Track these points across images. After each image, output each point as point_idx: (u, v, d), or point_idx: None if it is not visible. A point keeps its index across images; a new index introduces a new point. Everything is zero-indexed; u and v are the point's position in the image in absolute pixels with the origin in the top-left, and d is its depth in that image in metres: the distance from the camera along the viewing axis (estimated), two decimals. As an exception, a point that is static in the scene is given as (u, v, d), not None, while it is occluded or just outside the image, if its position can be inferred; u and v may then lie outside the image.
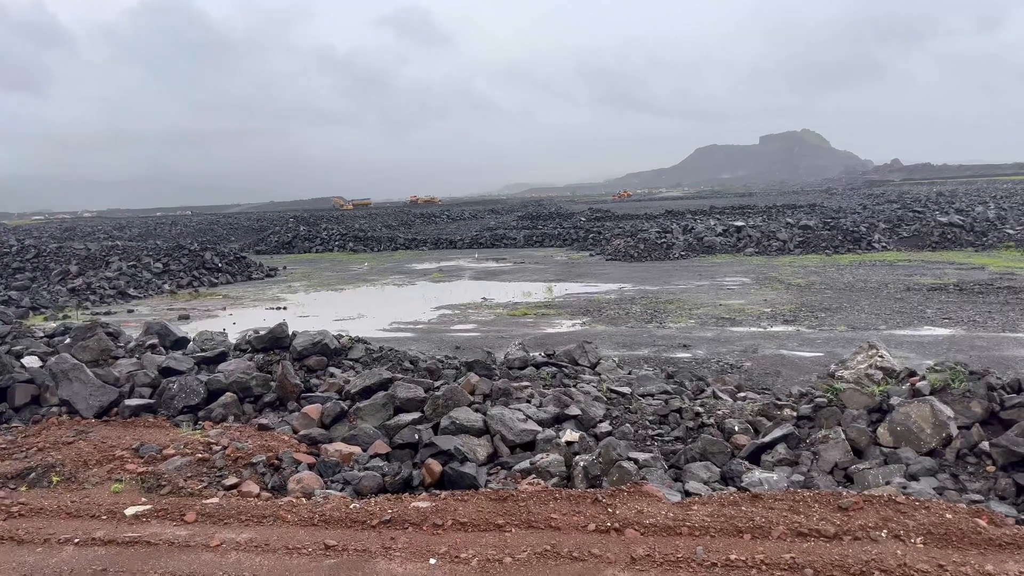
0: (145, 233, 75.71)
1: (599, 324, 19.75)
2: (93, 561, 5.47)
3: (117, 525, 6.17)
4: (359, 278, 35.73)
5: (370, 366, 12.34)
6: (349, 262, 45.43)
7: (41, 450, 8.62)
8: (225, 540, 5.71)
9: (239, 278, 36.44)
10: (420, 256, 48.02)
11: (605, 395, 10.87)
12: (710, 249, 39.98)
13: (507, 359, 13.02)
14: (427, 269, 38.87)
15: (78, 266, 33.80)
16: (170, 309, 26.15)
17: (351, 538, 5.63)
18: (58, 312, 25.79)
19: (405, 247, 55.06)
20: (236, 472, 7.87)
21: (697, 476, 7.71)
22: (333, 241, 57.81)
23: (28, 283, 31.62)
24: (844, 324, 18.24)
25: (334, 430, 9.50)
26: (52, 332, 13.84)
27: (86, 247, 38.71)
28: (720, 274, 30.32)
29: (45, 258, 35.56)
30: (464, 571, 5.02)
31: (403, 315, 22.90)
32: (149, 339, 13.18)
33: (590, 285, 28.89)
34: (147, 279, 32.83)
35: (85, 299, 28.78)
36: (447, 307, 24.41)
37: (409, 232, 65.40)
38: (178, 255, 37.61)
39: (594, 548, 5.20)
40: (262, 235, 66.67)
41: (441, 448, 8.42)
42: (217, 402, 10.47)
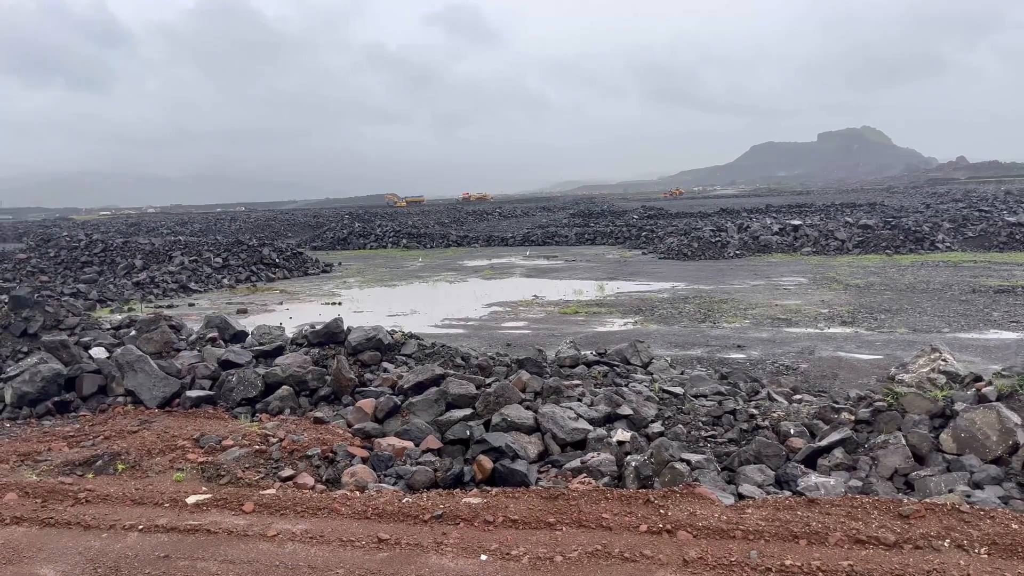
0: (206, 229, 77.74)
1: (651, 323, 19.59)
2: (156, 547, 5.65)
3: (179, 513, 6.36)
4: (412, 274, 36.09)
5: (422, 362, 12.47)
6: (402, 258, 45.93)
7: (107, 438, 8.93)
8: (282, 531, 5.84)
9: (295, 273, 37.15)
10: (472, 253, 48.26)
11: (657, 395, 10.79)
12: (766, 248, 39.29)
13: (558, 357, 13.00)
14: (479, 266, 39.05)
15: (142, 260, 34.89)
16: (229, 303, 26.79)
17: (403, 532, 5.70)
18: (123, 305, 26.67)
19: (457, 244, 55.40)
20: (292, 464, 8.04)
21: (751, 479, 7.59)
22: (387, 238, 58.50)
23: (96, 276, 32.76)
24: (905, 326, 17.74)
25: (387, 424, 9.62)
26: (118, 324, 14.31)
27: (150, 242, 39.94)
28: (776, 274, 29.78)
29: (112, 252, 36.78)
30: (515, 568, 5.04)
31: (455, 311, 23.05)
32: (209, 332, 13.53)
33: (642, 284, 28.66)
34: (207, 274, 33.71)
35: (149, 292, 29.69)
36: (498, 304, 24.49)
37: (461, 229, 65.80)
38: (237, 250, 38.52)
39: (646, 549, 5.17)
40: (318, 231, 67.82)
41: (492, 445, 8.47)
42: (274, 395, 10.70)
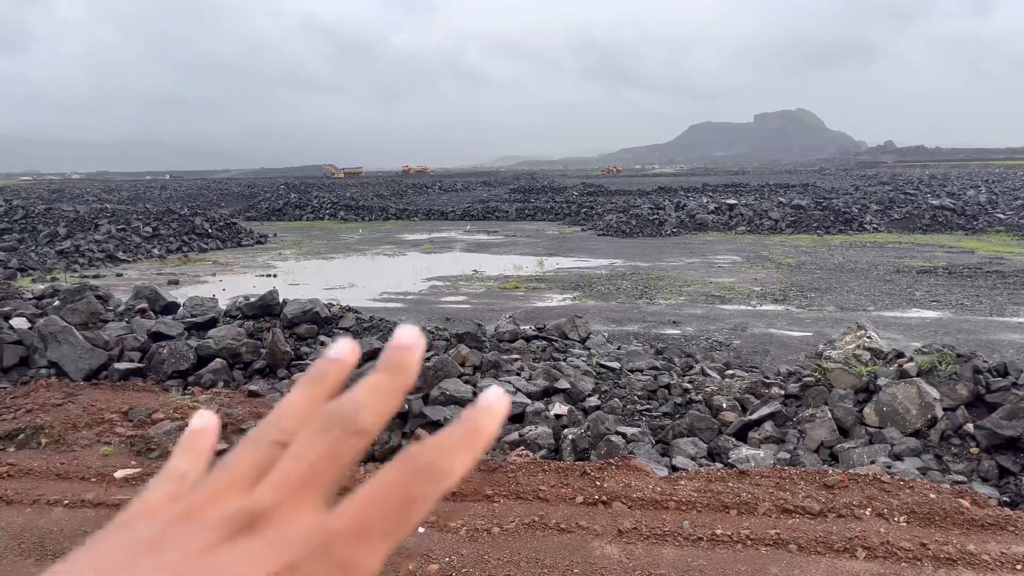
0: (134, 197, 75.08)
1: (589, 299, 19.79)
2: (83, 522, 5.49)
3: (107, 488, 6.18)
4: (350, 247, 35.60)
5: (360, 335, 12.33)
6: (340, 231, 45.24)
7: (30, 411, 8.60)
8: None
9: (229, 244, 36.23)
10: (411, 226, 47.84)
11: (594, 369, 10.92)
12: (702, 227, 40.01)
13: (497, 332, 13.03)
14: (418, 240, 38.75)
15: (67, 228, 33.51)
16: (159, 274, 26.01)
17: (340, 505, 5.67)
18: (46, 274, 25.62)
19: (396, 217, 54.80)
20: (226, 438, 7.88)
21: (684, 452, 7.78)
22: (324, 209, 57.46)
23: (16, 244, 31.35)
24: (833, 304, 18.34)
25: (324, 398, 9.51)
26: (40, 294, 13.75)
27: (75, 209, 38.36)
28: (711, 252, 30.38)
29: (33, 219, 35.24)
30: (453, 540, 5.06)
31: (393, 286, 22.86)
32: (139, 303, 13.12)
33: (581, 260, 28.90)
34: (136, 243, 32.61)
35: (74, 262, 28.58)
36: (438, 279, 24.38)
37: (401, 202, 65.08)
38: (168, 220, 37.33)
39: (582, 520, 5.25)
40: (252, 201, 66.21)
41: (431, 419, 8.46)
42: (207, 368, 10.46)
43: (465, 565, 4.74)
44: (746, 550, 4.82)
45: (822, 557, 4.73)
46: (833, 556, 4.74)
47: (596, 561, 4.74)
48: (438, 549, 4.95)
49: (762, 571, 4.57)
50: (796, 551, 4.79)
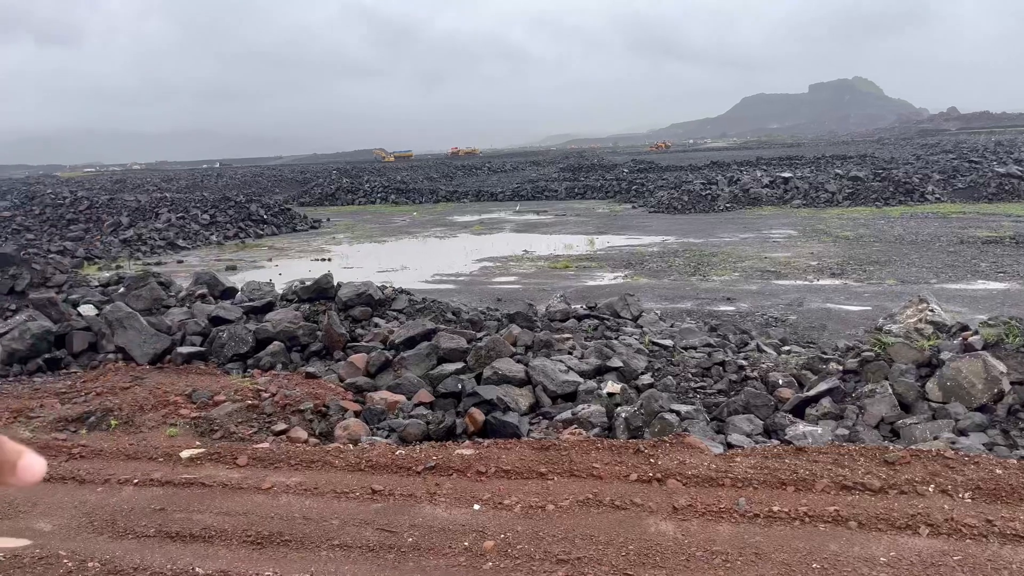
0: (192, 185, 76.86)
1: (642, 277, 19.63)
2: (152, 501, 5.70)
3: (173, 467, 6.40)
4: (401, 230, 35.93)
5: (413, 317, 12.47)
6: (391, 214, 45.66)
7: (99, 395, 8.94)
8: (276, 483, 5.89)
9: (284, 230, 36.90)
10: (461, 208, 48.02)
11: (647, 348, 10.86)
12: (756, 201, 39.25)
13: (549, 311, 13.04)
14: (468, 221, 38.89)
15: (129, 217, 34.55)
16: (218, 260, 26.66)
17: (397, 483, 5.76)
18: (111, 262, 26.49)
19: (446, 199, 55.06)
20: (285, 418, 8.08)
21: (740, 429, 7.69)
22: (375, 193, 58.04)
23: (82, 234, 32.45)
24: (893, 278, 17.85)
25: (379, 379, 9.66)
26: (106, 282, 14.23)
27: (136, 199, 39.50)
28: (766, 226, 29.81)
29: (97, 210, 36.39)
30: (508, 517, 5.11)
31: (445, 267, 23.02)
32: (199, 289, 13.48)
33: (632, 237, 28.66)
34: (195, 230, 33.46)
35: (136, 250, 29.48)
36: (488, 259, 24.46)
37: (450, 184, 65.33)
38: (225, 207, 38.18)
39: (636, 497, 5.25)
40: (306, 187, 67.21)
41: (484, 398, 8.53)
42: (265, 351, 10.71)
43: (520, 541, 4.78)
44: (804, 527, 4.76)
45: (883, 534, 4.64)
46: (895, 533, 4.64)
47: (651, 538, 4.73)
48: (493, 525, 5.00)
49: (821, 548, 4.51)
50: (856, 528, 4.71)
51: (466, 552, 4.72)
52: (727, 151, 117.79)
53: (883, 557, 4.39)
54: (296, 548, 4.88)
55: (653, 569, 4.41)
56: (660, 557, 4.51)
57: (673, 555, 4.51)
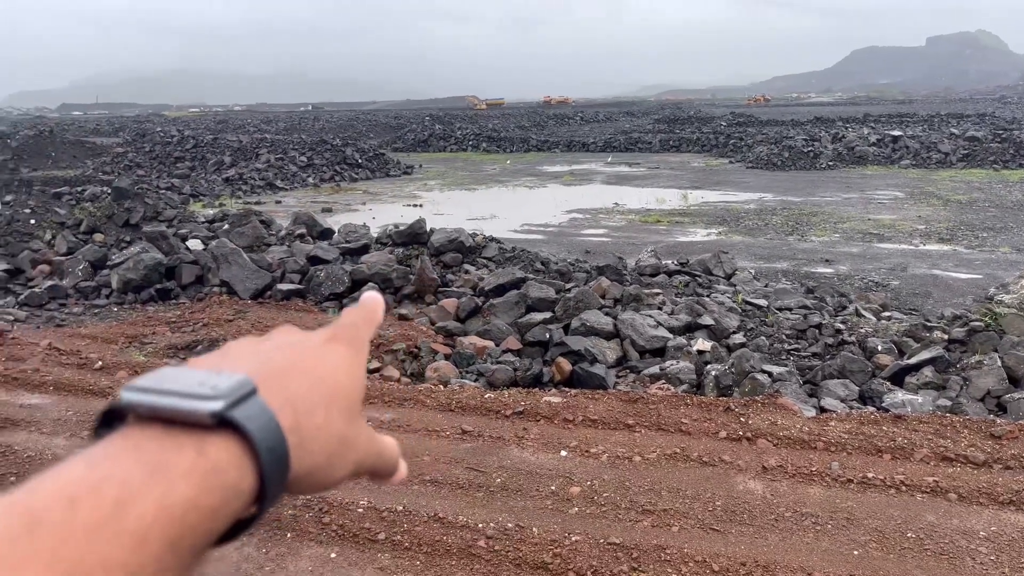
0: (290, 127, 78.85)
1: (736, 234, 19.16)
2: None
3: (274, 397, 6.72)
4: (492, 178, 36.01)
5: (503, 265, 12.57)
6: (482, 162, 45.77)
7: (206, 325, 9.43)
8: (371, 418, 6.11)
9: (378, 174, 37.54)
10: (552, 158, 47.67)
11: (740, 306, 10.64)
12: (861, 160, 37.47)
13: (638, 265, 12.91)
14: (559, 172, 38.62)
15: (231, 157, 35.80)
16: (314, 202, 27.39)
17: (486, 425, 5.89)
18: (214, 200, 27.60)
19: (537, 149, 54.73)
20: (378, 357, 8.34)
21: (834, 393, 7.50)
22: (467, 141, 58.20)
23: (188, 172, 33.87)
24: (1008, 245, 16.84)
25: (469, 324, 9.83)
26: (212, 218, 14.86)
27: (238, 139, 40.85)
28: (870, 187, 28.48)
29: (202, 149, 37.84)
30: (594, 465, 5.17)
31: (534, 217, 23.00)
32: (298, 229, 13.92)
33: (728, 193, 27.89)
34: (293, 172, 34.40)
35: (238, 188, 30.58)
36: (578, 211, 24.30)
37: (542, 133, 64.85)
38: (321, 150, 39.06)
39: (724, 455, 5.22)
40: (399, 133, 67.97)
41: (571, 348, 8.57)
42: (360, 291, 11.01)
43: (606, 489, 4.84)
44: (900, 496, 4.64)
45: (984, 508, 4.48)
46: (997, 508, 4.48)
47: (739, 495, 4.71)
48: (579, 472, 5.07)
49: (917, 518, 4.39)
50: (956, 500, 4.56)
51: (552, 496, 4.81)
52: (832, 107, 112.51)
53: (983, 531, 4.24)
54: (389, 480, 5.08)
55: (740, 526, 4.39)
56: (747, 515, 4.49)
57: (761, 514, 4.48)
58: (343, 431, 0.53)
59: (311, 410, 0.50)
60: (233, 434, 0.45)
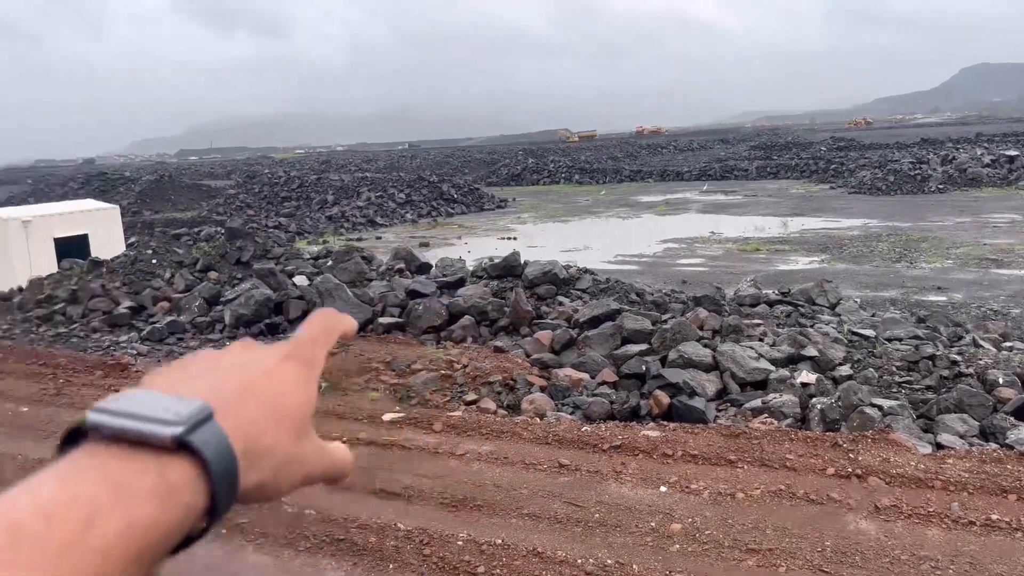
0: (389, 166, 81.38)
1: (840, 262, 18.50)
2: (359, 458, 6.15)
3: (376, 429, 6.90)
4: (585, 210, 36.08)
5: (597, 297, 12.53)
6: (575, 194, 45.94)
7: (311, 358, 9.78)
8: (469, 450, 6.19)
9: (472, 209, 38.24)
10: (645, 188, 47.40)
11: (845, 337, 10.25)
12: (974, 182, 35.61)
13: (737, 295, 12.63)
14: (652, 202, 38.34)
15: (334, 196, 37.24)
16: (412, 237, 28.12)
17: (583, 459, 5.87)
18: (318, 237, 28.72)
19: (630, 179, 54.56)
20: (475, 389, 8.44)
21: (951, 429, 7.09)
22: (560, 173, 58.60)
23: (294, 211, 35.41)
24: None
25: (564, 356, 9.83)
26: (316, 255, 15.46)
27: (340, 179, 42.47)
28: (985, 210, 27.00)
29: (307, 188, 39.50)
30: (695, 502, 5.06)
31: (628, 247, 22.89)
32: (397, 264, 14.31)
33: (830, 220, 27.01)
34: (392, 209, 35.47)
35: (340, 226, 31.75)
36: (673, 241, 24.03)
37: (634, 164, 64.63)
38: (419, 186, 40.15)
39: (833, 492, 5.02)
40: (493, 167, 69.08)
41: (669, 380, 8.44)
42: (457, 324, 11.21)
43: (708, 527, 4.73)
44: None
45: None
46: None
47: (849, 536, 4.51)
48: (680, 509, 4.98)
49: (1048, 565, 4.10)
50: (1093, 547, 4.23)
51: (653, 533, 4.74)
52: (940, 127, 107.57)
53: None
54: (488, 513, 5.12)
55: (852, 568, 4.21)
56: (860, 557, 4.29)
57: (875, 556, 4.28)
58: (290, 450, 0.56)
59: (261, 433, 0.53)
60: (191, 457, 0.49)
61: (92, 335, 12.30)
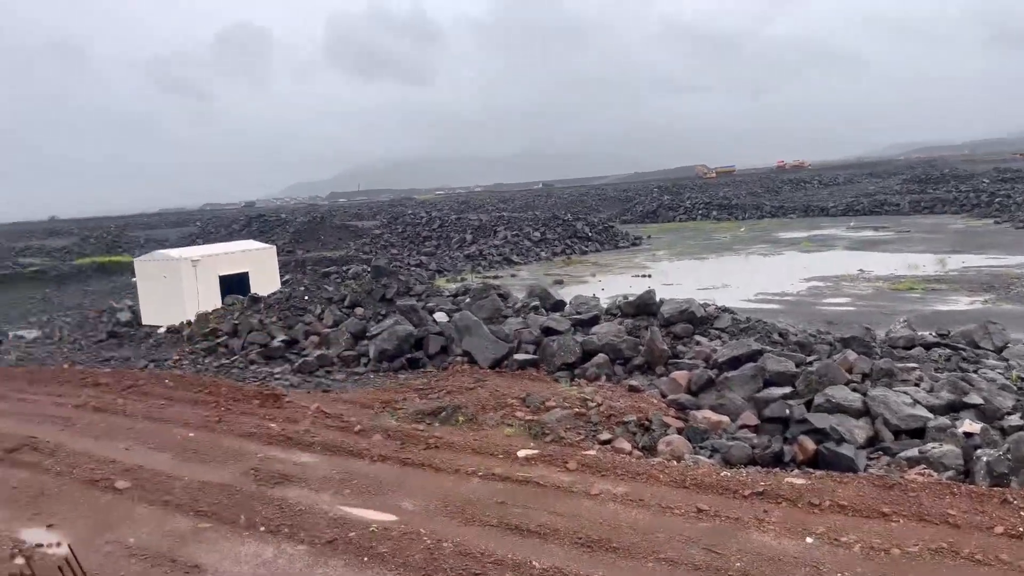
0: (524, 205, 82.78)
1: (1006, 303, 17.08)
2: (494, 494, 6.26)
3: (511, 465, 6.96)
4: (723, 247, 35.24)
5: (736, 336, 12.18)
6: (713, 231, 44.98)
7: (449, 393, 10.04)
8: (603, 491, 6.14)
9: (607, 246, 38.23)
10: (787, 225, 45.74)
11: (1015, 384, 9.44)
12: None
13: (889, 337, 11.92)
14: (795, 238, 36.92)
15: (472, 235, 38.32)
16: (547, 274, 28.40)
17: (723, 505, 5.68)
18: (457, 275, 29.56)
19: (771, 215, 52.87)
20: (609, 428, 8.37)
21: None
22: (696, 210, 57.66)
23: (434, 249, 36.69)
24: None
25: (701, 397, 9.59)
26: (455, 292, 15.93)
27: (478, 218, 43.67)
28: None
29: (446, 228, 40.87)
30: (845, 556, 4.78)
31: (770, 286, 22.11)
32: (532, 301, 14.50)
33: (994, 257, 25.04)
34: (527, 247, 36.05)
35: (478, 264, 32.56)
36: (818, 279, 23.01)
37: (776, 199, 62.61)
38: (553, 225, 40.65)
39: (1002, 554, 4.60)
40: (627, 205, 68.87)
41: (815, 426, 8.06)
42: (591, 362, 11.19)
43: (860, 583, 4.45)
44: None
45: None
46: None
47: (1023, 603, 4.12)
48: (828, 562, 4.72)
49: None
50: None
51: (798, 586, 4.51)
52: None
53: None
54: (623, 556, 5.04)
55: (1026, 640, 3.83)
56: (1035, 627, 3.90)
57: (1053, 628, 3.88)
58: None
59: None
60: None
61: (250, 366, 13.18)
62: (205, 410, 9.46)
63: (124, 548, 5.60)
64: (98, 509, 6.41)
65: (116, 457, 7.73)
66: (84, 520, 6.19)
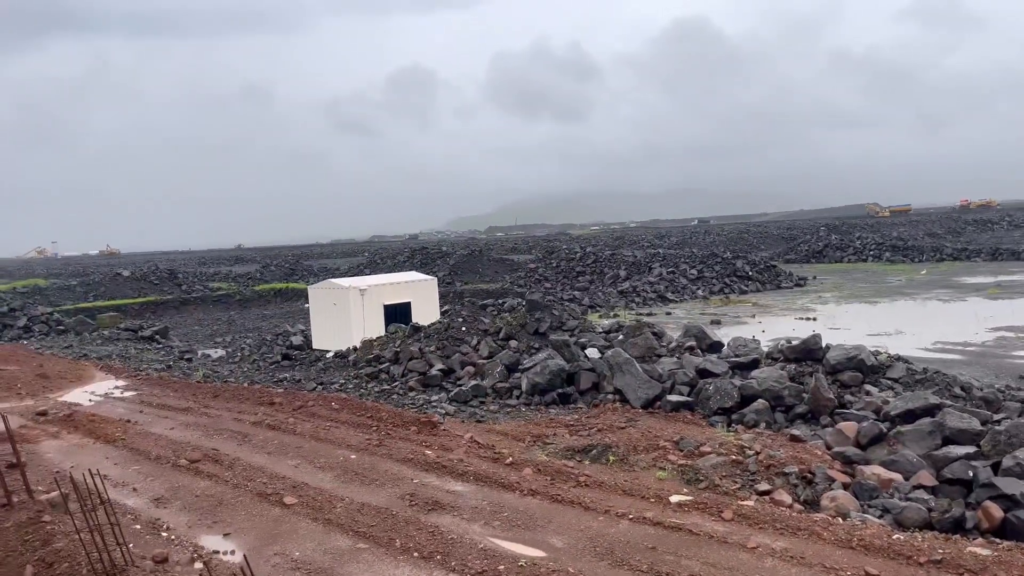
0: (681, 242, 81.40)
1: None
2: (644, 538, 6.14)
3: (663, 510, 6.80)
4: (896, 291, 32.96)
5: (911, 388, 11.34)
6: (885, 273, 42.21)
7: (600, 431, 9.97)
8: (761, 544, 5.86)
9: (768, 286, 36.77)
10: (971, 268, 42.14)
11: None
12: None
13: (1096, 397, 10.65)
14: (980, 283, 33.93)
15: (626, 271, 38.07)
16: (703, 314, 27.69)
17: (894, 571, 5.28)
18: (609, 311, 29.41)
19: (953, 258, 48.94)
20: (768, 479, 7.99)
21: None
22: (867, 250, 54.36)
23: (587, 285, 36.75)
24: None
25: (870, 451, 8.97)
26: (608, 329, 15.85)
27: (633, 254, 43.37)
28: None
29: (600, 264, 40.86)
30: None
31: (950, 334, 20.41)
32: (687, 341, 14.17)
33: None
34: (683, 284, 35.33)
35: (631, 300, 32.26)
36: (1007, 328, 21.00)
37: (958, 241, 57.96)
38: (711, 262, 39.63)
39: None
40: (791, 244, 66.06)
41: (1003, 491, 7.32)
42: (749, 407, 10.76)
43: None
44: None
45: None
46: None
47: None
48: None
49: None
50: None
51: (982, 669, 4.09)
52: None
53: None
54: (781, 615, 4.78)
55: None
56: None
57: None
58: None
59: None
60: None
61: (408, 393, 13.71)
62: (367, 433, 9.93)
63: (289, 560, 5.96)
64: (268, 521, 6.87)
65: (286, 474, 8.27)
66: (256, 531, 6.65)
